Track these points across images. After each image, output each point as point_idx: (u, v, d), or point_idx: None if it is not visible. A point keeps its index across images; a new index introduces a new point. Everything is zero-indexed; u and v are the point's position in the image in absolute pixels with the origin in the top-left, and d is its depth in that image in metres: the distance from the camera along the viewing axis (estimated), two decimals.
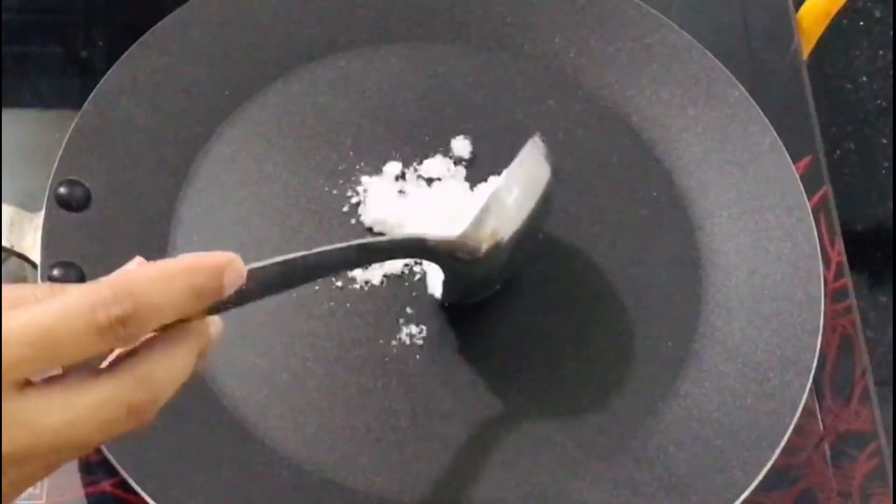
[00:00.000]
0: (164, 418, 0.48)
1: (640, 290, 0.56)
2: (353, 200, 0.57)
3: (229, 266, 0.33)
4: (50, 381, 0.31)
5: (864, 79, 0.82)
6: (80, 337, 0.30)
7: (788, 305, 0.55)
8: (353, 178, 0.58)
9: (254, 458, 0.49)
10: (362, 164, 0.59)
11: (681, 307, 0.56)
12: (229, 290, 0.33)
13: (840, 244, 0.61)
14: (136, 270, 0.32)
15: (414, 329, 0.53)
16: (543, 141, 0.51)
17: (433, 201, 0.57)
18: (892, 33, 0.83)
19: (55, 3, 0.67)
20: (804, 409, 0.51)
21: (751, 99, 0.61)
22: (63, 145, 0.54)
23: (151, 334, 0.32)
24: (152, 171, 0.56)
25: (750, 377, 0.53)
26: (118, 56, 0.58)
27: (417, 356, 0.53)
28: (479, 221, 0.48)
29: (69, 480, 0.50)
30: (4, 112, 0.60)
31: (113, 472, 0.46)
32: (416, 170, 0.59)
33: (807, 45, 0.70)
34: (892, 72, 0.81)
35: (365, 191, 0.58)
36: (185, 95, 0.58)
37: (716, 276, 0.57)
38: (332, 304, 0.54)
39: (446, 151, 0.59)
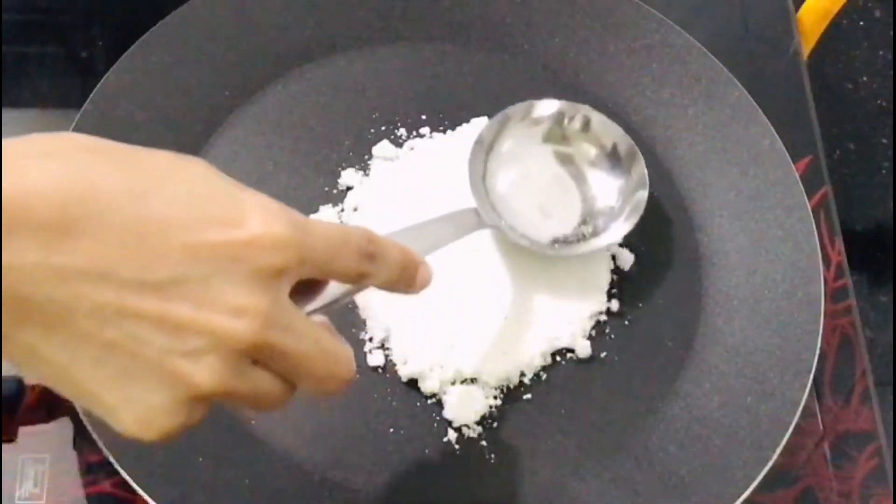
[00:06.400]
0: None
1: (640, 289, 0.56)
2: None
3: (427, 275, 0.40)
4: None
5: (864, 79, 0.82)
6: (352, 254, 0.36)
7: (788, 305, 0.55)
8: None
9: (254, 458, 0.49)
10: (362, 164, 0.59)
11: (681, 307, 0.56)
12: (417, 290, 0.40)
13: (840, 244, 0.61)
14: (379, 234, 0.38)
15: None
16: None
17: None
18: (892, 33, 0.83)
19: (55, 3, 0.67)
20: (804, 409, 0.52)
21: (751, 99, 0.61)
22: None
23: None
24: None
25: (750, 377, 0.53)
26: (118, 56, 0.58)
27: None
28: None
29: (69, 480, 0.50)
30: (4, 112, 0.60)
31: (113, 472, 0.46)
32: None
33: (807, 45, 0.70)
34: (892, 72, 0.81)
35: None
36: (185, 95, 0.58)
37: (716, 276, 0.57)
38: None
39: None
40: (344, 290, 0.37)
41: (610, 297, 0.56)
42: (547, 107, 0.57)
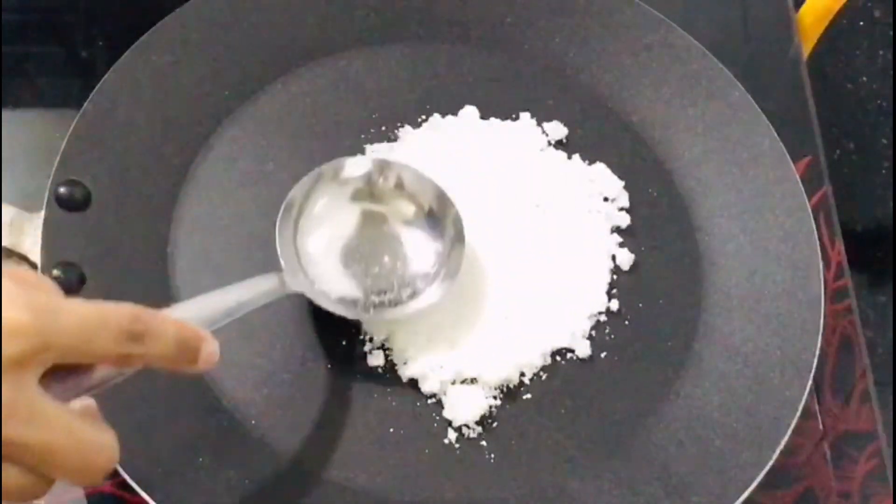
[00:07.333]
0: (165, 418, 0.48)
1: (640, 289, 0.56)
2: None
3: (211, 350, 0.38)
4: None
5: (864, 79, 0.82)
6: (111, 336, 0.34)
7: (788, 305, 0.55)
8: None
9: (254, 457, 0.49)
10: None
11: (681, 307, 0.56)
12: (201, 367, 0.38)
13: (840, 244, 0.61)
14: (150, 311, 0.36)
15: None
16: None
17: None
18: (892, 33, 0.83)
19: (55, 3, 0.67)
20: (804, 409, 0.52)
21: (751, 99, 0.61)
22: (63, 145, 0.54)
23: None
24: (152, 171, 0.56)
25: (750, 377, 0.53)
26: (118, 56, 0.58)
27: None
28: None
29: None
30: (4, 112, 0.60)
31: (113, 472, 0.46)
32: None
33: (807, 45, 0.70)
34: (892, 72, 0.81)
35: None
36: (185, 95, 0.58)
37: (716, 276, 0.57)
38: None
39: None
40: (112, 372, 0.35)
41: (609, 296, 0.56)
42: (358, 165, 0.54)
